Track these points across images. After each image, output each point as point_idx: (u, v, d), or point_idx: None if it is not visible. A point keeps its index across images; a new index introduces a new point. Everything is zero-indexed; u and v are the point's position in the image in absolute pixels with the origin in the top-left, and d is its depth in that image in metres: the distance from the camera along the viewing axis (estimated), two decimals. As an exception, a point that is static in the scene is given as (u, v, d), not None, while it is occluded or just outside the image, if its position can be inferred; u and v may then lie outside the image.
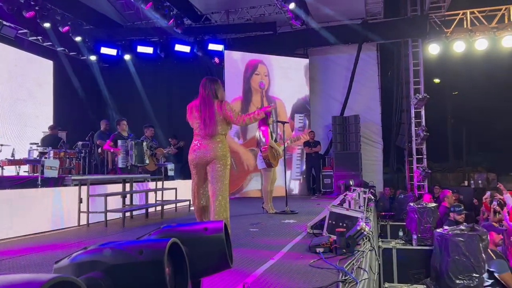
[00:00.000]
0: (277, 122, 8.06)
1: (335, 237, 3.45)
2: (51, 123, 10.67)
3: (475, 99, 16.99)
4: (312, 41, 11.91)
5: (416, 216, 6.43)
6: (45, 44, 11.59)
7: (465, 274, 4.70)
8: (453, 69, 14.03)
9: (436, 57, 11.35)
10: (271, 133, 6.66)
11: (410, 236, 6.57)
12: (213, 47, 11.87)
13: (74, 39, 11.22)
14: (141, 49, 12.17)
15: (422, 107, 11.72)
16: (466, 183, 15.08)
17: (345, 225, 3.87)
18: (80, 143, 8.53)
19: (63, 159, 7.58)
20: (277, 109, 11.43)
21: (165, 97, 13.00)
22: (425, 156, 11.84)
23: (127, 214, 6.30)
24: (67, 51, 12.27)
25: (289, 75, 11.75)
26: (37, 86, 11.30)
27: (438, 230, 5.34)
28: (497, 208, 6.79)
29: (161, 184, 7.41)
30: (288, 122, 8.48)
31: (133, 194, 6.82)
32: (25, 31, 10.87)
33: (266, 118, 6.44)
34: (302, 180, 11.58)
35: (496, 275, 4.82)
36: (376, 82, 12.18)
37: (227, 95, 10.84)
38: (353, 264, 3.02)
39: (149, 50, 12.19)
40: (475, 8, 10.99)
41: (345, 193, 5.96)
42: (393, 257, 6.41)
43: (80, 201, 5.60)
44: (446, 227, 5.57)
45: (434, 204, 6.78)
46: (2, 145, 7.90)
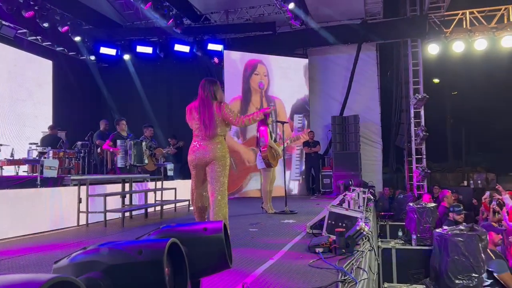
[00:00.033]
0: (277, 122, 8.06)
1: (334, 237, 3.45)
2: (51, 123, 10.67)
3: (474, 99, 17.00)
4: (312, 41, 11.91)
5: (416, 216, 6.43)
6: (44, 44, 11.58)
7: (465, 274, 4.70)
8: (453, 69, 14.04)
9: (436, 57, 11.36)
10: (270, 133, 6.66)
11: (410, 236, 6.57)
12: (212, 47, 11.86)
13: (74, 39, 11.22)
14: (140, 49, 12.16)
15: (422, 107, 11.73)
16: (465, 183, 15.10)
17: (344, 225, 3.88)
18: (79, 143, 8.54)
19: (63, 159, 7.58)
20: (277, 108, 11.42)
21: (165, 97, 13.00)
22: (424, 156, 11.84)
23: (127, 214, 6.29)
24: (66, 51, 12.27)
25: (289, 75, 11.75)
26: (36, 86, 11.29)
27: (437, 230, 5.34)
28: (496, 208, 6.79)
29: (161, 184, 7.40)
30: (287, 122, 8.48)
31: (133, 194, 6.82)
32: (25, 31, 10.86)
33: (265, 118, 6.45)
34: (301, 180, 11.58)
35: (495, 275, 4.82)
36: (376, 82, 12.18)
37: (226, 95, 10.87)
38: (352, 264, 3.02)
39: (148, 50, 12.18)
40: (474, 8, 11.00)
41: (344, 193, 5.97)
42: (392, 257, 6.41)
43: (80, 201, 5.60)
44: (445, 227, 5.57)
45: (433, 204, 6.78)
46: (1, 145, 7.90)
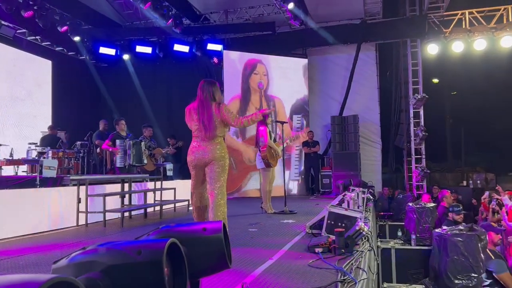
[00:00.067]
0: (276, 122, 8.05)
1: (334, 237, 3.45)
2: (50, 123, 10.67)
3: (473, 99, 17.03)
4: (311, 41, 11.91)
5: (415, 216, 6.43)
6: (43, 44, 11.57)
7: (464, 274, 4.70)
8: (452, 69, 14.06)
9: (435, 57, 11.36)
10: (269, 133, 6.66)
11: (409, 236, 6.56)
12: (212, 47, 11.85)
13: (73, 39, 11.21)
14: (140, 49, 12.15)
15: (421, 107, 11.73)
16: (464, 183, 15.13)
17: (344, 225, 3.88)
18: (78, 143, 8.53)
19: (62, 159, 7.58)
20: (276, 108, 11.42)
21: (164, 97, 12.99)
22: (423, 156, 11.85)
23: (126, 214, 6.29)
24: (65, 51, 12.26)
25: (288, 75, 11.75)
26: (35, 86, 11.28)
27: (436, 230, 5.34)
28: (496, 207, 6.80)
29: (160, 184, 7.40)
30: (287, 122, 8.48)
31: (132, 194, 6.82)
32: (24, 30, 10.85)
33: (264, 118, 6.45)
34: (300, 180, 11.58)
35: (494, 275, 4.82)
36: (375, 82, 12.18)
37: (226, 95, 10.88)
38: (352, 264, 3.03)
39: (148, 50, 12.17)
40: (473, 8, 11.00)
41: (343, 193, 5.97)
42: (392, 257, 6.41)
43: (79, 201, 5.60)
44: (444, 227, 5.57)
45: (432, 204, 6.78)
46: (0, 145, 7.89)
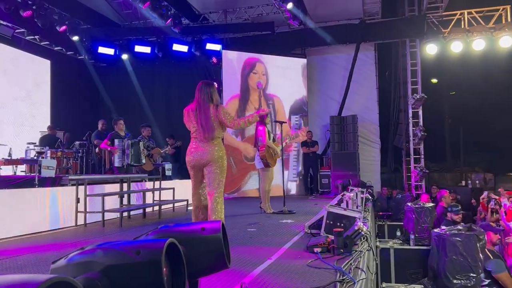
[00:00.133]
0: (275, 122, 8.05)
1: (332, 237, 3.45)
2: (49, 122, 10.65)
3: (472, 99, 17.06)
4: (310, 41, 11.91)
5: (414, 216, 6.43)
6: (42, 43, 11.55)
7: (463, 274, 4.71)
8: (451, 69, 14.07)
9: (434, 57, 11.37)
10: (268, 132, 6.66)
11: (408, 236, 6.57)
12: (211, 46, 11.84)
13: (72, 38, 11.19)
14: (138, 48, 12.13)
15: (420, 107, 11.74)
16: (463, 183, 15.13)
17: (342, 225, 3.88)
18: (77, 142, 8.51)
19: (61, 158, 7.56)
20: (276, 107, 11.42)
21: (163, 97, 12.98)
22: (422, 156, 11.86)
23: (125, 214, 6.28)
24: (64, 50, 12.25)
25: (287, 75, 11.75)
26: (34, 86, 11.26)
27: (435, 230, 5.34)
28: (496, 207, 6.80)
29: (159, 184, 7.40)
30: (286, 122, 8.48)
31: (131, 194, 6.81)
32: (22, 30, 10.83)
33: (263, 118, 6.45)
34: (298, 181, 11.57)
35: (493, 275, 4.83)
36: (374, 82, 12.19)
37: (225, 94, 10.88)
38: (350, 264, 3.03)
39: (146, 49, 12.15)
40: (472, 8, 11.01)
41: (342, 193, 5.96)
42: (390, 257, 6.40)
43: (78, 201, 5.59)
44: (443, 227, 5.57)
45: (431, 204, 6.79)
46: (-1, 144, 7.87)
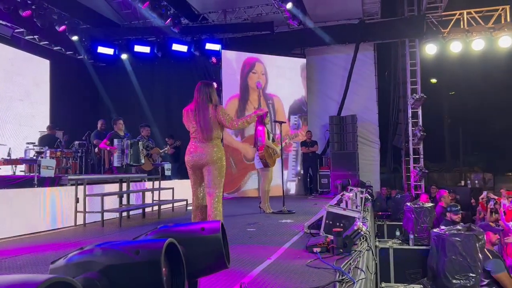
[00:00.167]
0: (275, 122, 8.05)
1: (332, 237, 3.45)
2: (48, 122, 10.64)
3: (472, 99, 17.08)
4: (309, 41, 11.90)
5: (413, 216, 6.43)
6: (41, 43, 11.54)
7: (462, 274, 4.71)
8: (450, 69, 14.08)
9: (433, 57, 11.37)
10: (268, 132, 6.66)
11: (407, 236, 6.57)
12: (210, 46, 11.83)
13: (71, 38, 11.18)
14: (138, 48, 12.13)
15: (419, 107, 11.74)
16: (462, 183, 15.14)
17: (342, 225, 3.88)
18: (76, 142, 8.50)
19: (60, 158, 7.56)
20: (275, 106, 11.42)
21: (162, 97, 12.97)
22: (422, 156, 11.86)
23: (124, 214, 6.28)
24: (63, 50, 12.24)
25: (286, 75, 11.75)
26: (33, 86, 11.25)
27: (434, 230, 5.34)
28: (496, 206, 6.81)
29: (158, 184, 7.40)
30: (285, 122, 8.48)
31: (130, 194, 6.81)
32: (22, 30, 10.82)
33: (262, 118, 6.45)
34: (297, 181, 11.56)
35: (492, 274, 4.83)
36: (373, 82, 12.19)
37: (224, 94, 10.88)
38: (350, 264, 3.03)
39: (146, 49, 12.15)
40: (472, 8, 11.01)
41: (342, 193, 5.96)
42: (390, 257, 6.40)
43: (77, 200, 5.59)
44: (443, 227, 5.57)
45: (431, 204, 6.79)
46: (-2, 144, 7.87)
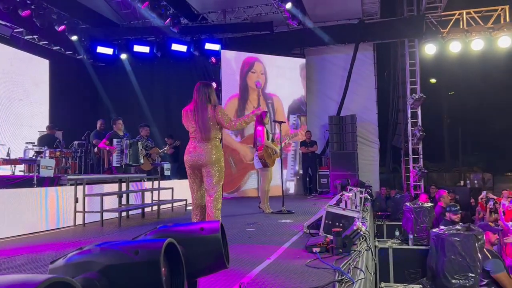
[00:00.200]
0: (274, 121, 8.04)
1: (331, 237, 3.45)
2: (47, 122, 10.64)
3: (471, 99, 17.09)
4: (309, 41, 11.90)
5: (412, 216, 6.43)
6: (41, 43, 11.53)
7: (461, 273, 4.71)
8: (449, 69, 14.09)
9: (433, 57, 11.38)
10: (267, 132, 6.66)
11: (406, 235, 6.57)
12: (209, 46, 11.83)
13: (70, 38, 11.17)
14: (137, 48, 12.12)
15: (419, 107, 11.75)
16: (462, 183, 15.16)
17: (341, 225, 3.88)
18: (76, 142, 8.50)
19: (59, 158, 7.55)
20: (275, 106, 11.42)
21: (162, 97, 12.96)
22: (421, 156, 11.86)
23: (123, 213, 6.28)
24: (63, 50, 12.23)
25: (286, 74, 11.74)
26: (33, 86, 11.24)
27: (434, 230, 5.35)
28: (496, 205, 6.81)
29: (158, 184, 7.39)
30: (285, 121, 8.48)
31: (129, 193, 6.80)
32: (21, 30, 10.81)
33: (261, 117, 6.45)
34: (296, 181, 11.56)
35: (491, 274, 4.83)
36: (373, 82, 12.20)
37: (223, 94, 10.88)
38: (349, 264, 3.03)
39: (145, 49, 12.14)
40: (471, 8, 11.02)
41: (341, 193, 5.96)
42: (389, 256, 6.41)
43: (76, 200, 5.59)
44: (442, 227, 5.58)
45: (430, 204, 6.79)
46: (-3, 144, 7.87)
